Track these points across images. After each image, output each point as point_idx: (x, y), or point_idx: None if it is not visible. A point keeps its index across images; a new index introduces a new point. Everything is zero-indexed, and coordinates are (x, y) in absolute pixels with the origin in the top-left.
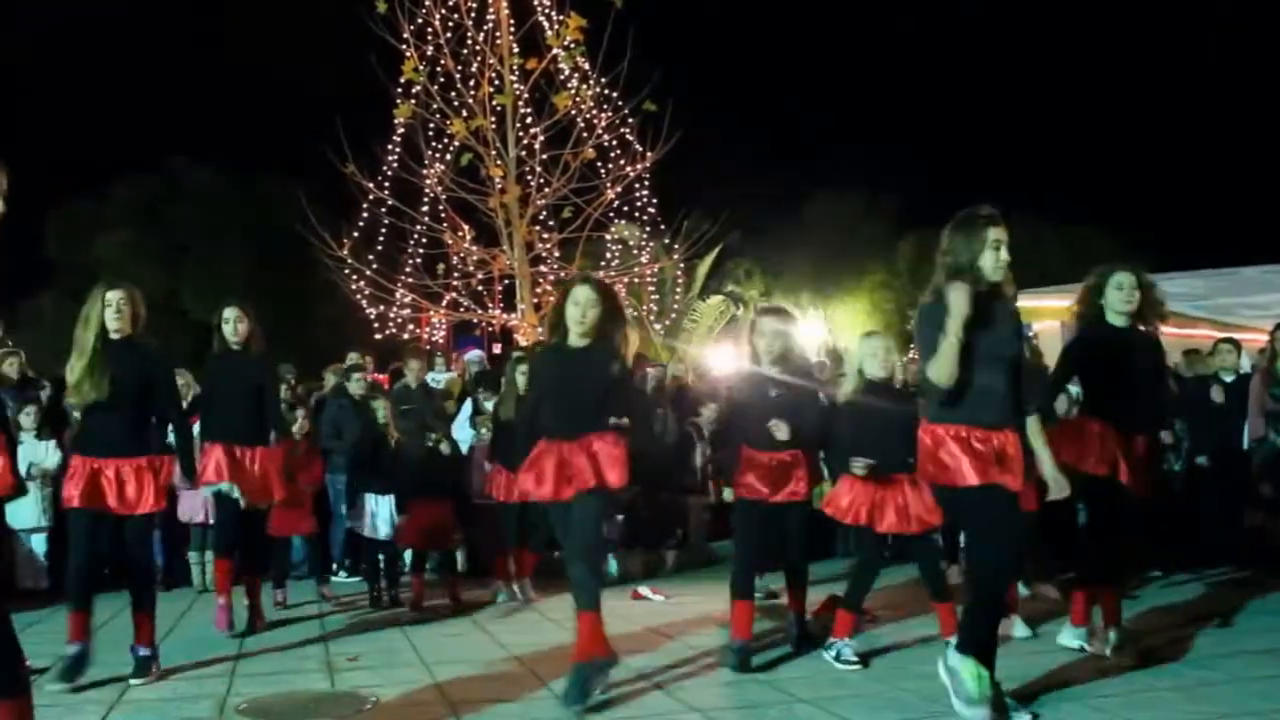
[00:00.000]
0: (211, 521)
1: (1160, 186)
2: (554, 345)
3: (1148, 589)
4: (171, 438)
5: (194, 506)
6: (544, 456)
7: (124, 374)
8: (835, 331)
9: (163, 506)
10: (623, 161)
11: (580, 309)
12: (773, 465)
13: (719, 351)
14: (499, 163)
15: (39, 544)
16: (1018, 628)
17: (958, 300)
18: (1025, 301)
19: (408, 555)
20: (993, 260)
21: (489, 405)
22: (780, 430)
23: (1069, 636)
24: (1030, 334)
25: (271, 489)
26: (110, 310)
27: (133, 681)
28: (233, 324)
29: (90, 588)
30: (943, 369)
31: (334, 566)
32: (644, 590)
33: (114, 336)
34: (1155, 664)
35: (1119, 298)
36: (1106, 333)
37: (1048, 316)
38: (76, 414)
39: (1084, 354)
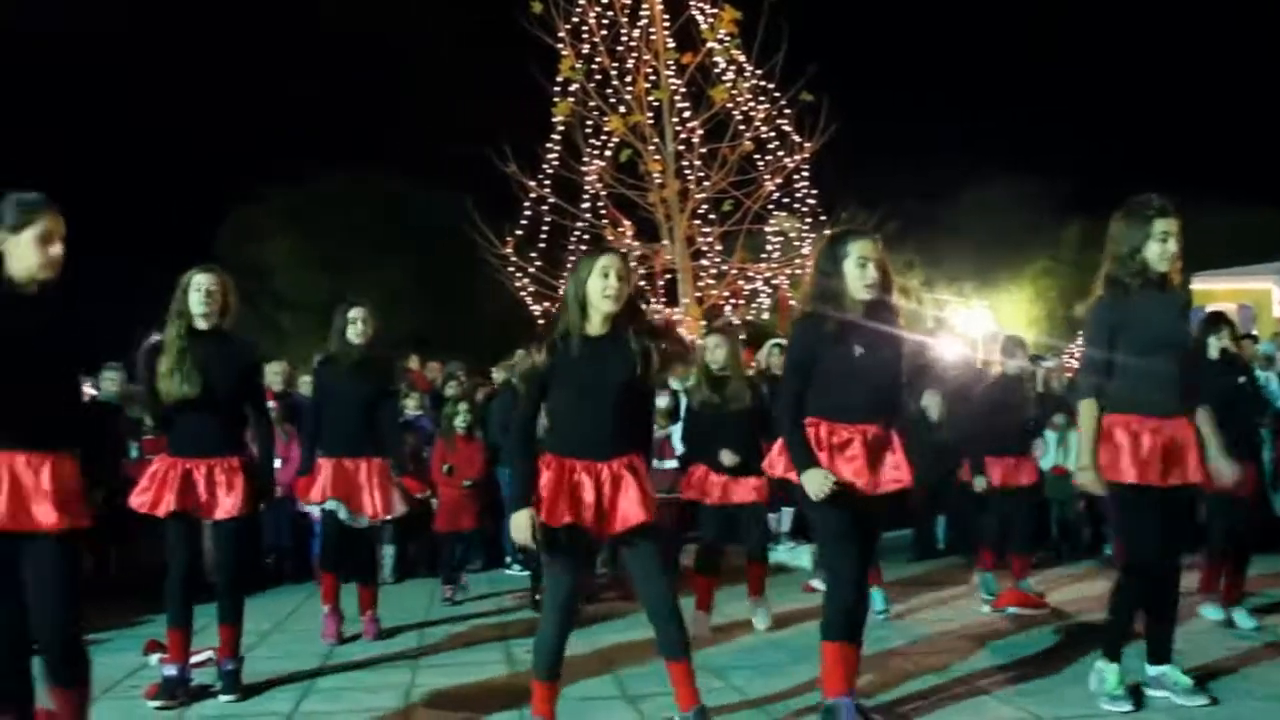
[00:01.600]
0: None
1: None
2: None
3: None
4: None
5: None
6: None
7: (214, 370)
8: (1000, 321)
9: (252, 510)
10: (781, 153)
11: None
12: None
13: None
14: (657, 158)
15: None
16: (1210, 610)
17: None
18: (1200, 284)
19: None
20: (1158, 251)
21: (661, 401)
22: None
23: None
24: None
25: (384, 503)
26: (198, 295)
27: (223, 698)
28: (359, 324)
29: (190, 601)
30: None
31: (507, 559)
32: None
33: (200, 326)
34: None
35: None
36: None
37: (1221, 299)
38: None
39: None
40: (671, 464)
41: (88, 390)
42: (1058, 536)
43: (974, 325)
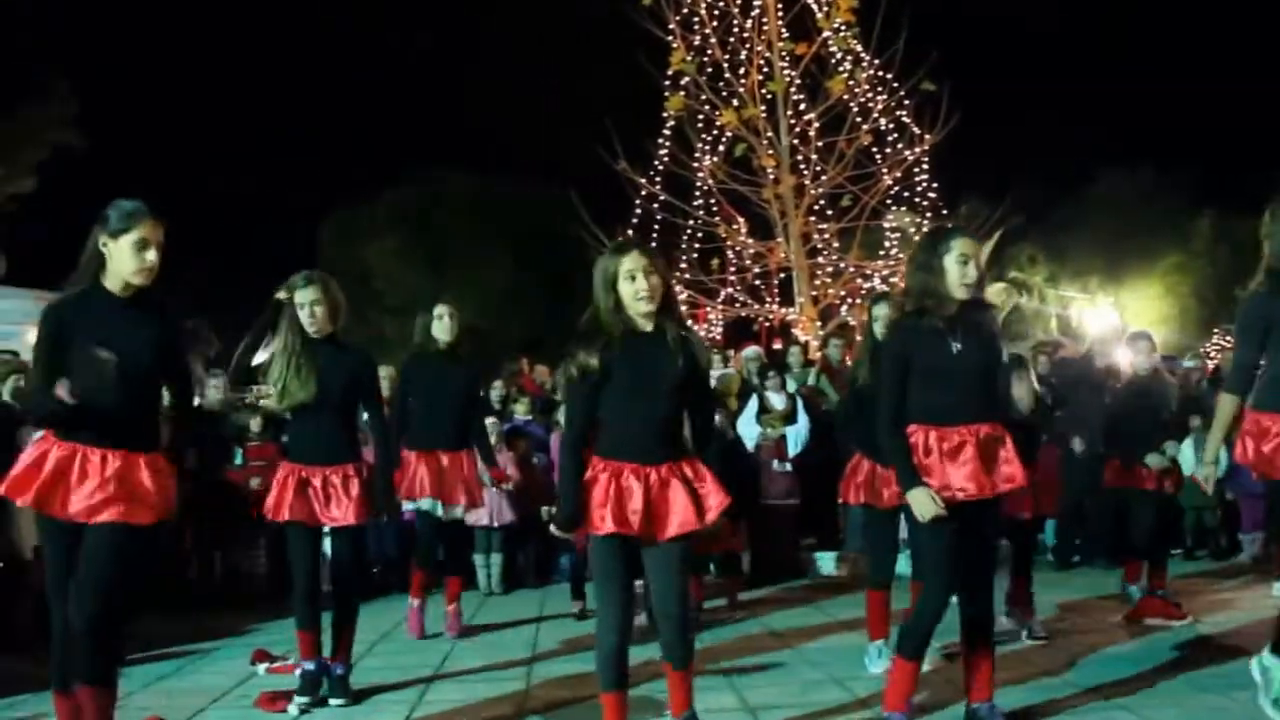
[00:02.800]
0: (495, 524)
1: None
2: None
3: None
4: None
5: (480, 509)
6: None
7: (328, 375)
8: (1127, 318)
9: (367, 518)
10: (900, 146)
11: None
12: None
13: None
14: (771, 152)
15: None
16: None
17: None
18: None
19: None
20: None
21: (778, 402)
22: None
23: None
24: None
25: (474, 494)
26: (303, 313)
27: (333, 703)
28: (446, 320)
29: (316, 603)
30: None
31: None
32: None
33: (313, 335)
34: None
35: None
36: None
37: None
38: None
39: None
40: (787, 467)
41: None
42: (1193, 543)
43: (1100, 323)
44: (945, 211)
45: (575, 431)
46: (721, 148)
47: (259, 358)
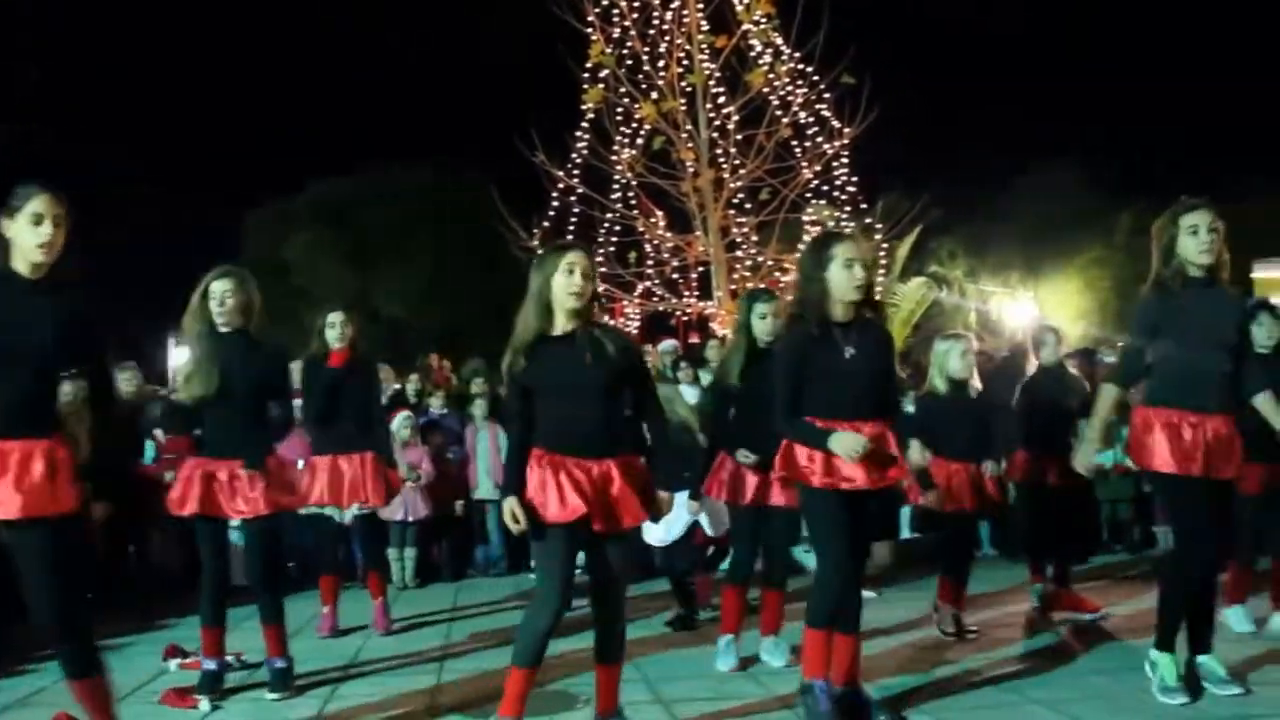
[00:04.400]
0: (410, 519)
1: None
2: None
3: None
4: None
5: (393, 504)
6: None
7: (235, 369)
8: (1047, 313)
9: (283, 508)
10: (820, 139)
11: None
12: None
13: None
14: (691, 145)
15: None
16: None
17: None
18: (1262, 273)
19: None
20: (1194, 246)
21: (691, 396)
22: None
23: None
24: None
25: (374, 494)
26: (213, 304)
27: (271, 696)
28: (338, 329)
29: (223, 600)
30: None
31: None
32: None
33: (222, 330)
34: None
35: None
36: None
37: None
38: None
39: None
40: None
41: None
42: (1109, 538)
43: (1019, 317)
44: (864, 206)
45: (517, 432)
46: (640, 141)
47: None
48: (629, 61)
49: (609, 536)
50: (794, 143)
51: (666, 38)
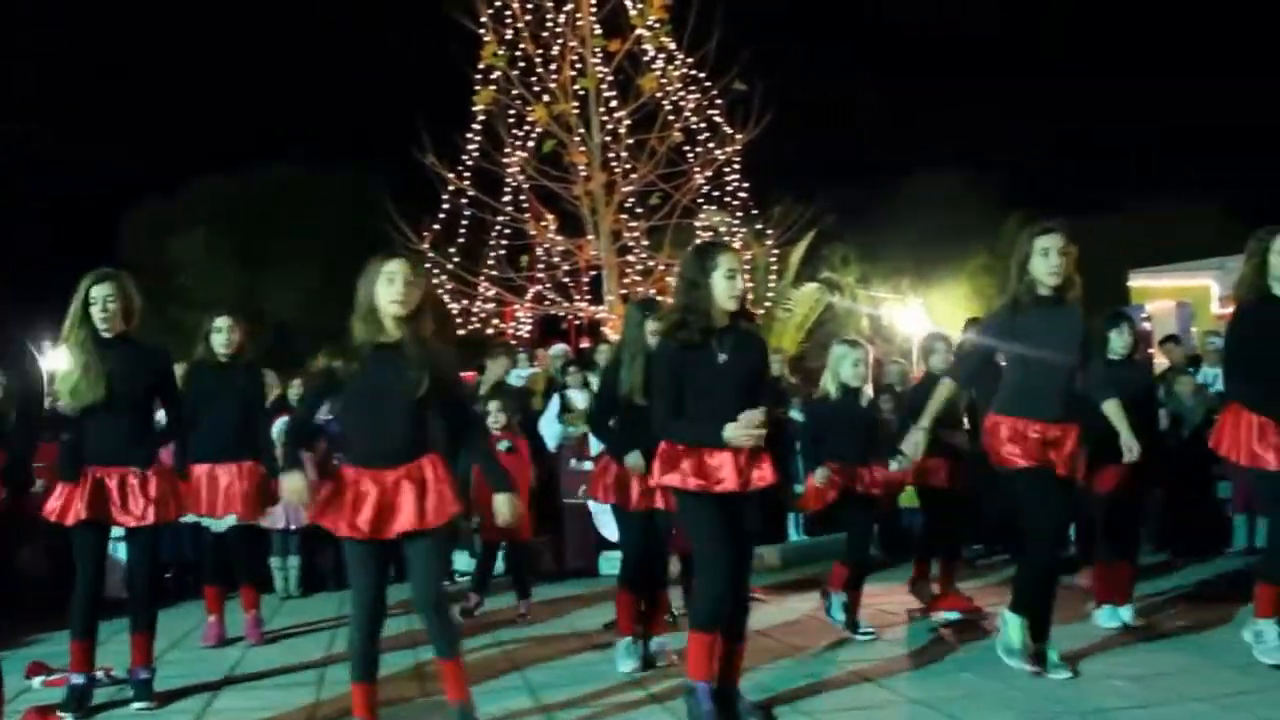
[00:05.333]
0: (293, 527)
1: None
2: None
3: None
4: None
5: (275, 512)
6: None
7: (120, 374)
8: (936, 319)
9: (169, 518)
10: (711, 145)
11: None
12: None
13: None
14: (583, 149)
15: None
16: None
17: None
18: (1139, 281)
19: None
20: (1044, 266)
21: (580, 401)
22: None
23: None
24: (1144, 315)
25: (252, 506)
26: (95, 309)
27: (135, 707)
28: (225, 334)
29: (96, 613)
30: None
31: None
32: None
33: (104, 334)
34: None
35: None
36: (1267, 307)
37: (1161, 296)
38: None
39: (1244, 332)
40: (586, 465)
41: None
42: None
43: (910, 323)
44: (756, 211)
45: (297, 423)
46: (532, 143)
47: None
48: (522, 64)
49: (410, 542)
50: (686, 148)
51: (559, 40)
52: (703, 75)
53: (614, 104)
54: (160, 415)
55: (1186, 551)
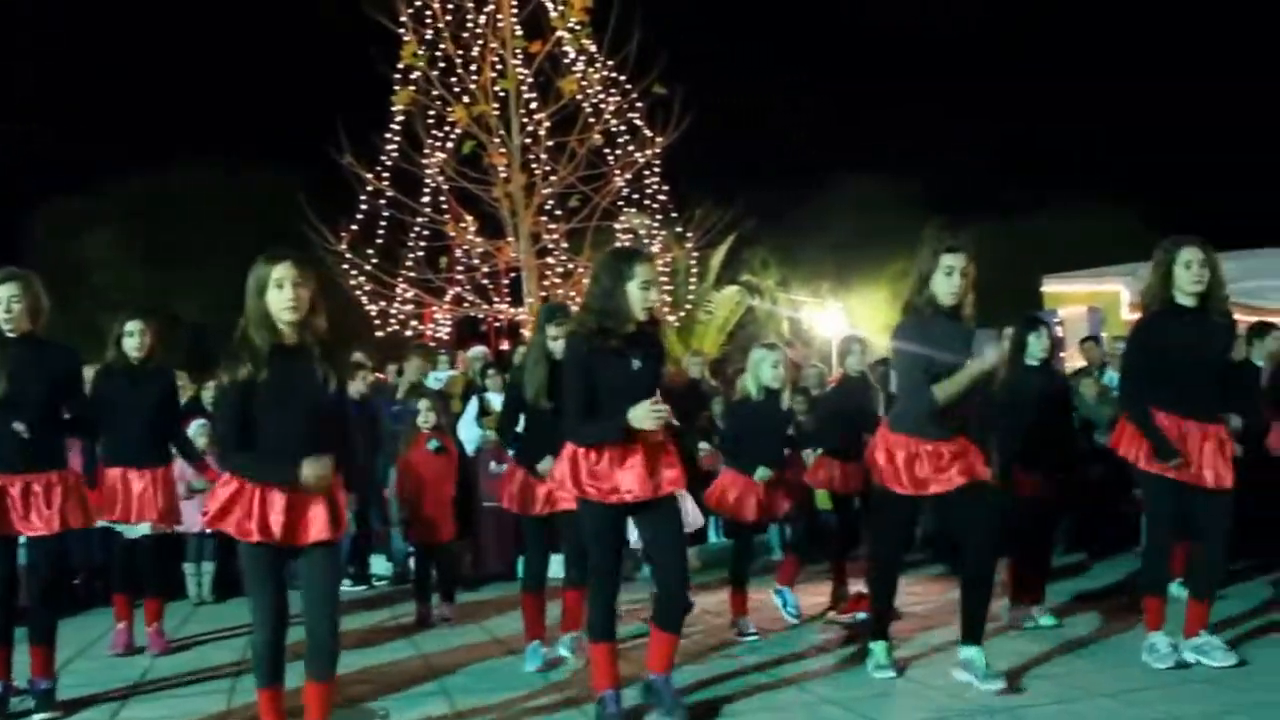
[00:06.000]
0: (208, 531)
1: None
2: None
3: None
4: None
5: (191, 517)
6: None
7: (25, 376)
8: (855, 322)
9: (76, 526)
10: (631, 147)
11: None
12: None
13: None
14: (502, 150)
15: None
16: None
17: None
18: (1051, 287)
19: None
20: (945, 285)
21: (498, 404)
22: None
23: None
24: (1056, 319)
25: (166, 513)
26: None
27: (37, 718)
28: (136, 337)
29: (10, 620)
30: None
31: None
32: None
33: (9, 334)
34: None
35: (1186, 277)
36: (1170, 317)
37: (1072, 302)
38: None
39: (1147, 340)
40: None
41: None
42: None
43: (829, 326)
44: (676, 214)
45: (229, 444)
46: (451, 144)
47: None
48: (442, 64)
49: (314, 548)
50: (606, 150)
51: (480, 41)
52: (623, 78)
53: (534, 106)
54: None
55: (1102, 552)
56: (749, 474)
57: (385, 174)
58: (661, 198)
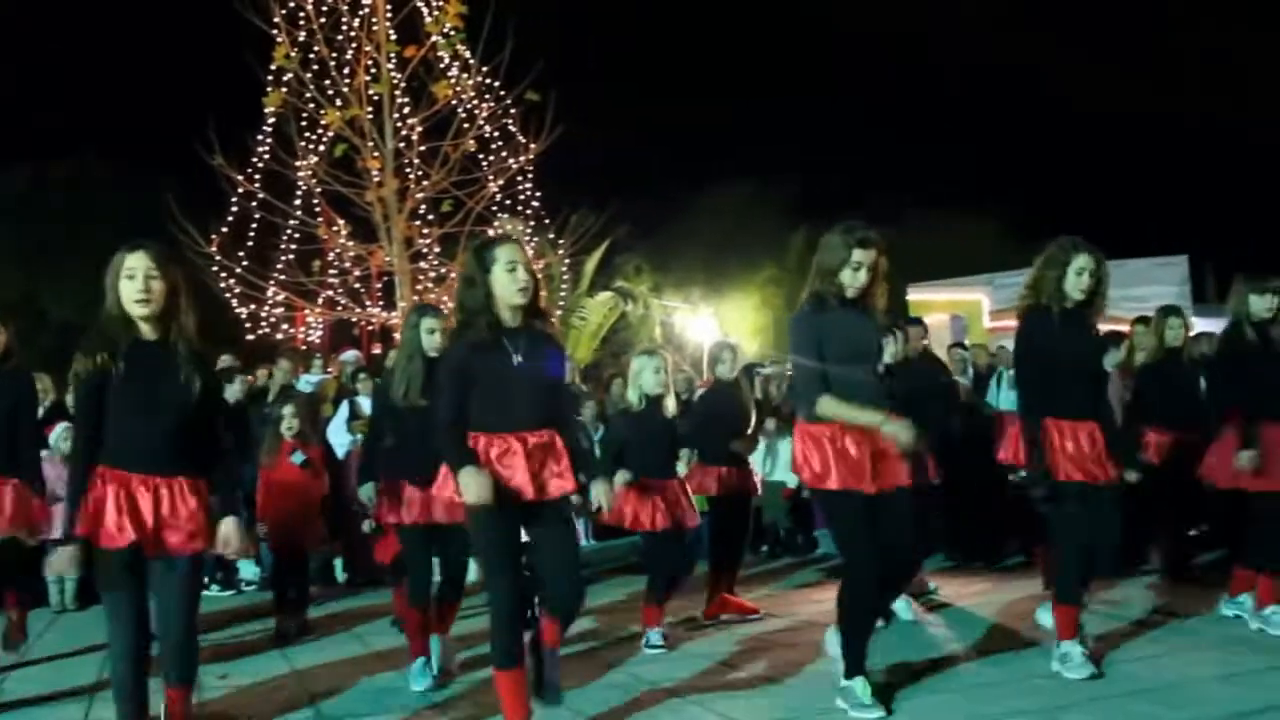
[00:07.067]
0: None
1: (1047, 176)
2: None
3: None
4: None
5: (53, 524)
6: None
7: None
8: (726, 328)
9: None
10: (505, 154)
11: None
12: None
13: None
14: (376, 154)
15: None
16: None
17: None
18: (916, 295)
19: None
20: (850, 278)
21: (369, 408)
22: None
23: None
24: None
25: (20, 520)
26: None
27: None
28: None
29: None
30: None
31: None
32: None
33: None
34: None
35: (1075, 284)
36: (1059, 318)
37: (936, 310)
38: None
39: (1042, 342)
40: None
41: None
42: (771, 544)
43: (700, 333)
44: (548, 221)
45: (83, 439)
46: (324, 147)
47: None
48: (315, 67)
49: (174, 560)
50: (480, 156)
51: (354, 45)
52: (497, 84)
53: (408, 111)
54: None
55: (973, 557)
56: (636, 485)
57: (257, 176)
58: (535, 204)
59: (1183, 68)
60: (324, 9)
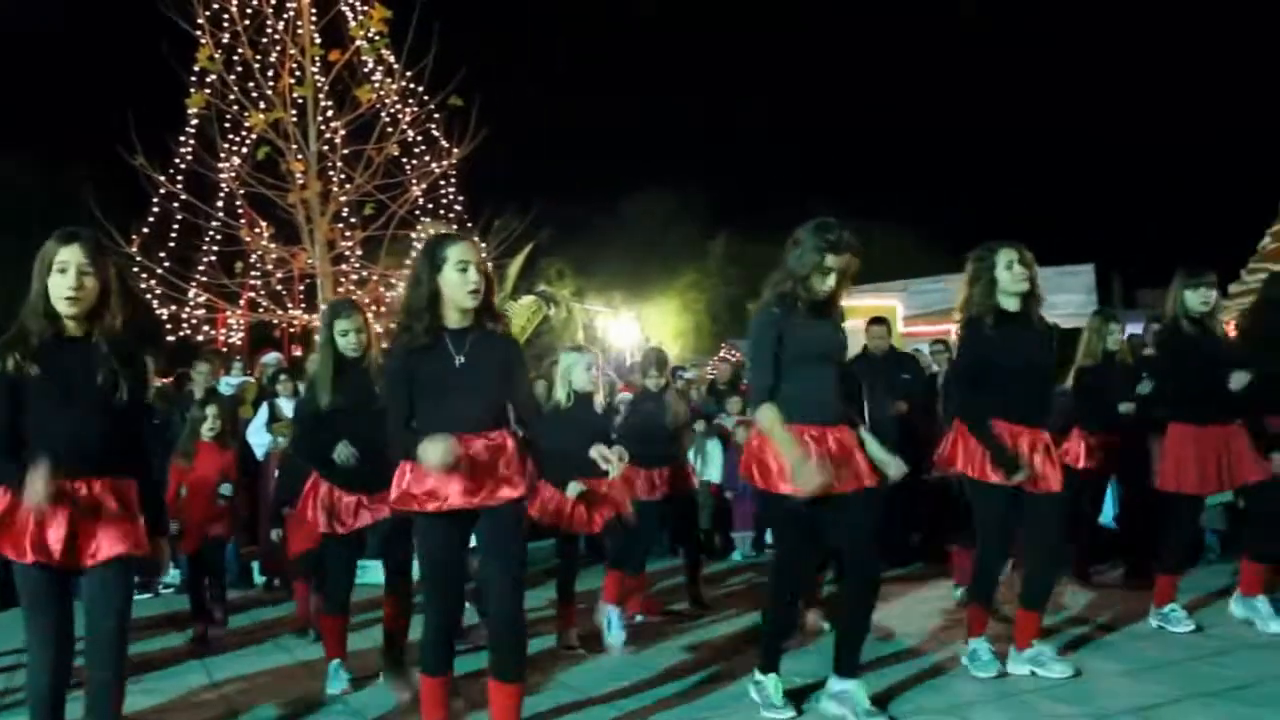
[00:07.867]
0: None
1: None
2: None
3: None
4: None
5: None
6: None
7: None
8: (647, 331)
9: None
10: (428, 158)
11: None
12: None
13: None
14: (299, 157)
15: None
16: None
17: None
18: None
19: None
20: (820, 283)
21: (289, 410)
22: None
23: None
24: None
25: None
26: None
27: None
28: None
29: None
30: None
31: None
32: None
33: None
34: None
35: (1010, 278)
36: (999, 322)
37: (854, 315)
38: None
39: (981, 350)
40: None
41: None
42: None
43: (622, 337)
44: (470, 224)
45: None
46: (246, 149)
47: None
48: (239, 69)
49: (105, 565)
50: (403, 160)
51: (278, 48)
52: (421, 89)
53: (331, 114)
54: None
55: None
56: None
57: (179, 176)
58: (458, 208)
59: (1086, 80)
60: (248, 11)
